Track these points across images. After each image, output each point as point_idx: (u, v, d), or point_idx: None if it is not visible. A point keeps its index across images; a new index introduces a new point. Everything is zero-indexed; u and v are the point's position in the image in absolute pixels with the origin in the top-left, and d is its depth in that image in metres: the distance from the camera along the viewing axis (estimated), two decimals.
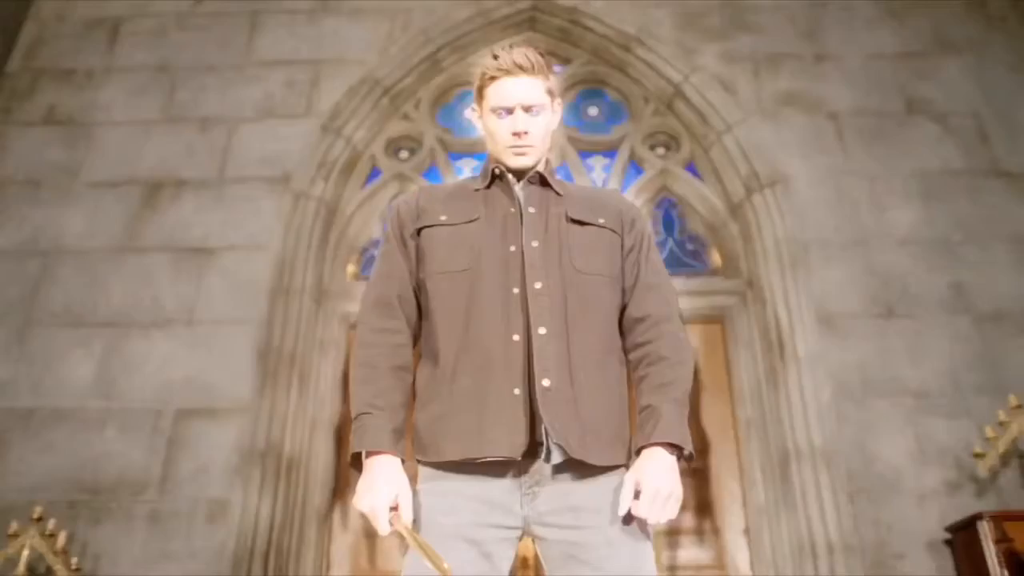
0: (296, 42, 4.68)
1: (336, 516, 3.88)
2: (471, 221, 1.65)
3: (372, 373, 1.55)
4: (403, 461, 1.51)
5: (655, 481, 1.44)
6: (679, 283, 4.27)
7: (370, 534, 3.85)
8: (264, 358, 3.88)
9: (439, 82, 4.81)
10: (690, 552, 3.82)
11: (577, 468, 1.48)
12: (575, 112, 4.81)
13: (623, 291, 1.66)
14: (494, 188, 1.71)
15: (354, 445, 1.51)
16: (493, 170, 1.72)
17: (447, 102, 4.86)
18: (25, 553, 3.19)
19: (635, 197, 4.50)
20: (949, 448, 3.56)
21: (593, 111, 4.82)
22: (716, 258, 4.40)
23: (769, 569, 3.60)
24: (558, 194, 1.71)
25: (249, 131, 4.45)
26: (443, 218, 1.66)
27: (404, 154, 4.66)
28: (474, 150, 4.68)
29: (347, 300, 4.24)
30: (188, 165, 4.35)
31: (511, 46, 1.73)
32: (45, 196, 4.27)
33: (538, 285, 1.56)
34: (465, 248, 1.62)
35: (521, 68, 1.70)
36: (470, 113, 1.82)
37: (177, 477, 3.61)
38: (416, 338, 1.66)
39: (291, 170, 4.33)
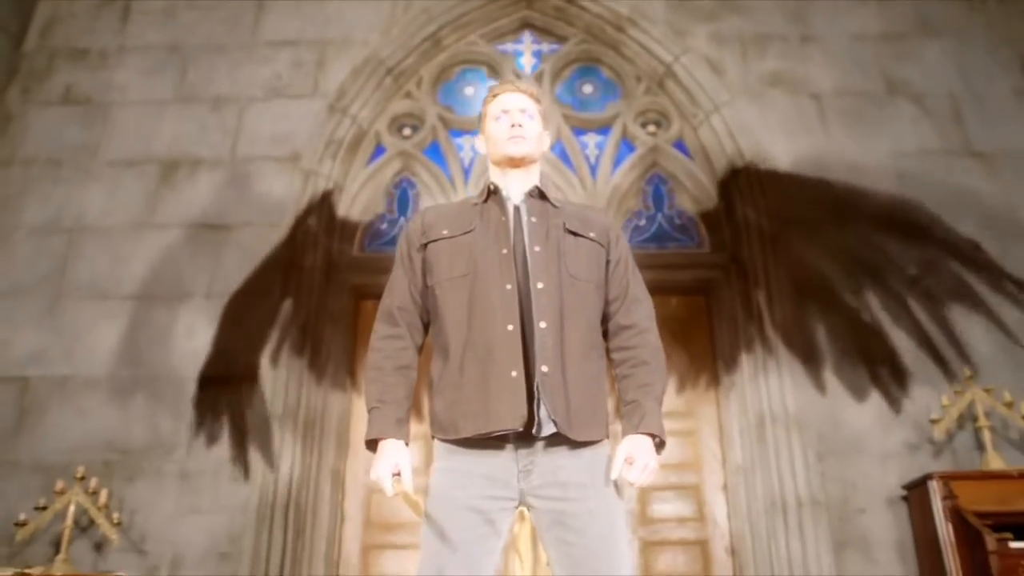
0: (302, 22, 4.86)
1: (347, 473, 4.22)
2: (468, 232, 1.91)
3: (378, 374, 1.87)
4: (406, 442, 1.82)
5: (643, 458, 1.75)
6: (667, 256, 4.56)
7: (377, 490, 4.19)
8: (279, 329, 4.16)
9: (440, 60, 5.00)
10: (675, 505, 4.17)
11: (563, 444, 1.77)
12: (570, 90, 5.02)
13: (606, 299, 1.93)
14: (489, 202, 1.97)
15: (367, 434, 1.84)
16: (488, 186, 1.98)
17: (448, 80, 5.05)
18: (71, 508, 3.52)
19: (627, 173, 4.74)
20: (911, 413, 3.88)
21: (588, 88, 5.02)
22: (703, 233, 4.66)
23: (744, 522, 3.95)
24: (555, 207, 1.96)
25: (259, 111, 4.66)
26: (445, 232, 1.93)
27: (407, 131, 4.87)
28: (474, 128, 4.87)
29: (354, 273, 4.51)
30: (202, 144, 4.58)
31: (513, 79, 2.00)
32: (66, 175, 4.50)
33: (540, 285, 1.83)
34: (464, 255, 1.88)
35: (518, 88, 2.00)
36: (477, 143, 2.07)
37: (202, 439, 3.93)
38: (421, 340, 1.95)
39: (300, 149, 4.55)
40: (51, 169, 4.52)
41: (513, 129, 1.93)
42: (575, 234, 1.91)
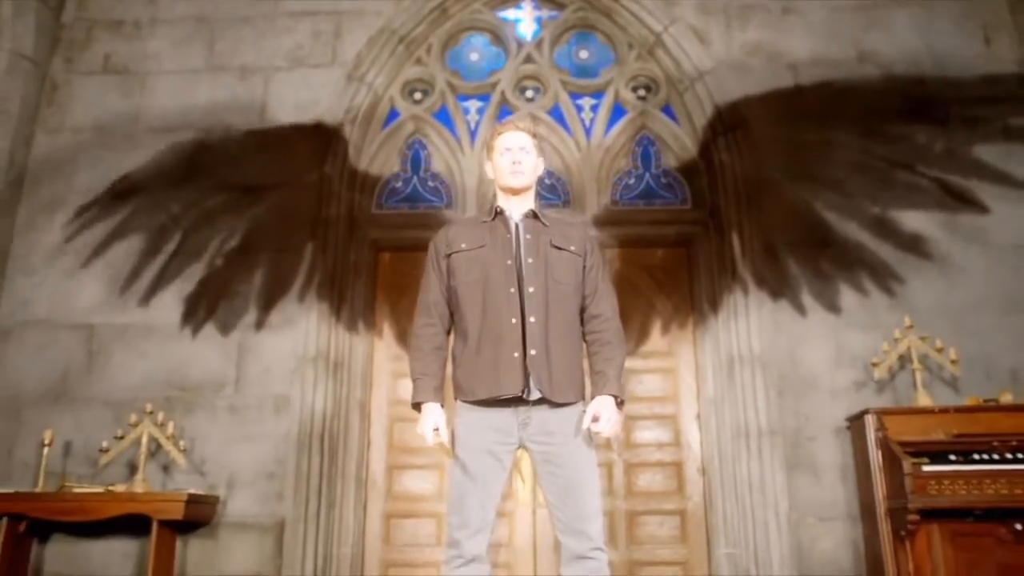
0: None
1: (372, 406, 4.86)
2: (481, 247, 2.50)
3: (420, 354, 2.49)
4: (442, 405, 2.43)
5: (607, 413, 2.38)
6: (654, 213, 5.09)
7: (397, 419, 4.85)
8: (309, 279, 4.73)
9: (447, 28, 5.40)
10: (655, 432, 4.83)
11: (548, 404, 2.39)
12: (567, 55, 5.43)
13: (583, 295, 2.51)
14: (496, 221, 2.55)
15: (412, 398, 2.46)
16: (496, 208, 2.53)
17: (455, 46, 5.46)
18: (144, 438, 4.18)
19: (618, 135, 5.22)
20: (860, 356, 4.47)
21: (584, 54, 5.43)
22: (686, 191, 5.16)
23: (713, 447, 4.61)
24: (545, 225, 2.52)
25: (283, 79, 5.11)
26: (463, 246, 2.51)
27: (418, 95, 5.32)
28: (479, 92, 5.34)
29: (373, 227, 5.04)
30: (232, 111, 5.04)
31: (514, 119, 2.53)
32: (112, 141, 4.99)
33: (531, 289, 2.42)
34: (479, 265, 2.47)
35: (518, 128, 2.53)
36: (484, 163, 2.64)
37: (248, 378, 4.56)
38: (449, 326, 2.53)
39: (322, 115, 5.02)
40: (98, 136, 5.01)
41: (514, 165, 2.49)
42: (559, 248, 2.49)
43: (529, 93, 5.33)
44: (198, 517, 4.12)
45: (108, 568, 4.24)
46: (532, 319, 2.37)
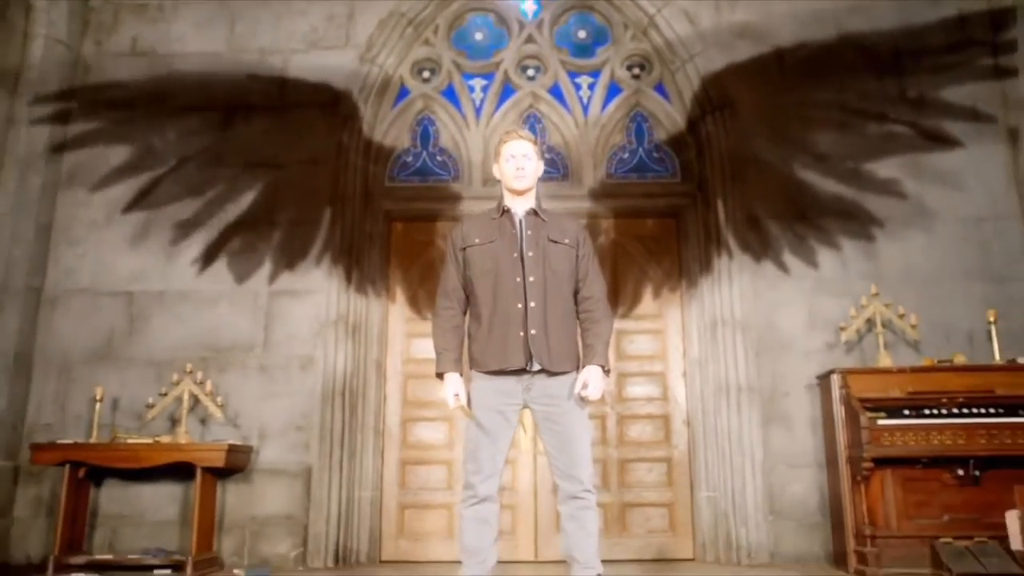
0: None
1: (388, 364, 5.34)
2: (492, 242, 2.92)
3: (441, 332, 2.93)
4: (460, 374, 2.87)
5: (594, 380, 2.83)
6: (646, 186, 5.49)
7: (410, 376, 5.33)
8: (329, 249, 5.16)
9: (453, 9, 5.72)
10: (645, 387, 5.31)
11: (547, 373, 2.84)
12: (567, 35, 5.76)
13: (577, 280, 2.94)
14: (504, 218, 2.97)
15: (436, 369, 2.91)
16: (503, 207, 2.95)
17: (461, 25, 5.78)
18: (186, 395, 4.67)
19: (614, 112, 5.61)
20: (832, 320, 4.92)
21: (582, 34, 5.76)
22: (676, 164, 5.55)
23: (697, 401, 5.09)
24: (544, 221, 2.95)
25: (300, 61, 5.46)
26: (477, 240, 2.94)
27: (426, 74, 5.67)
28: (484, 71, 5.69)
29: (386, 200, 5.45)
30: (253, 91, 5.41)
31: (518, 129, 2.94)
32: (141, 119, 5.36)
33: (532, 279, 2.85)
34: (490, 258, 2.90)
35: (521, 137, 2.93)
36: (493, 169, 3.06)
37: (275, 340, 5.03)
38: (465, 308, 2.96)
39: (337, 95, 5.38)
40: (128, 114, 5.37)
41: (518, 171, 2.90)
42: (555, 242, 2.92)
43: (530, 72, 5.68)
44: (236, 465, 4.63)
45: (156, 509, 4.77)
46: (533, 304, 2.82)
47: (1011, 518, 2.08)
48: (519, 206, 2.97)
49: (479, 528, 2.77)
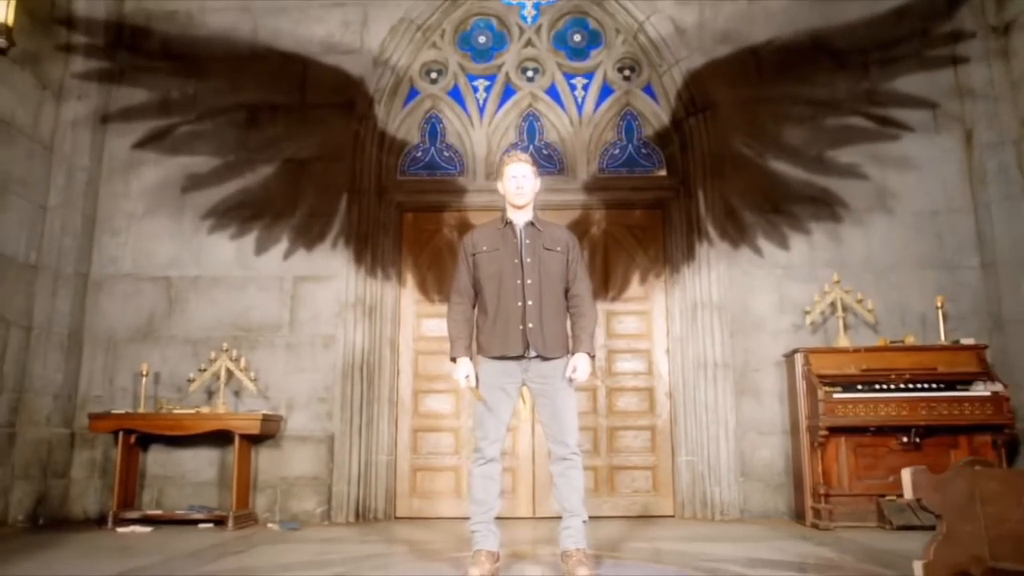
0: None
1: (400, 342, 5.91)
2: (497, 249, 3.46)
3: (455, 322, 3.47)
4: (470, 358, 3.43)
5: (582, 365, 3.39)
6: (634, 180, 6.02)
7: (420, 352, 5.91)
8: (347, 238, 5.70)
9: (458, 15, 6.20)
10: (632, 363, 5.90)
11: (541, 358, 3.39)
12: (562, 39, 6.24)
13: (567, 280, 3.48)
14: (506, 228, 3.50)
15: (450, 354, 3.46)
16: (506, 219, 3.49)
17: (465, 30, 6.27)
18: (222, 370, 5.25)
19: (606, 111, 6.12)
20: (799, 303, 5.48)
21: (577, 38, 6.25)
22: (661, 160, 6.07)
23: (679, 376, 5.68)
24: (540, 231, 3.49)
25: (318, 64, 5.95)
26: (484, 248, 3.48)
27: (434, 75, 6.17)
28: (486, 72, 6.19)
29: (398, 192, 5.99)
30: (276, 93, 5.91)
31: (518, 152, 3.48)
32: (177, 119, 5.87)
33: (529, 281, 3.40)
34: (496, 263, 3.44)
35: (520, 160, 3.47)
36: (498, 185, 3.59)
37: (300, 320, 5.60)
38: (474, 302, 3.51)
39: (353, 96, 5.89)
40: (164, 115, 5.88)
41: (518, 190, 3.43)
42: (549, 249, 3.45)
43: (529, 74, 6.18)
44: (268, 432, 5.22)
45: (197, 471, 5.38)
46: (530, 303, 3.37)
47: (905, 474, 2.64)
48: (519, 218, 3.50)
49: (486, 483, 3.35)
